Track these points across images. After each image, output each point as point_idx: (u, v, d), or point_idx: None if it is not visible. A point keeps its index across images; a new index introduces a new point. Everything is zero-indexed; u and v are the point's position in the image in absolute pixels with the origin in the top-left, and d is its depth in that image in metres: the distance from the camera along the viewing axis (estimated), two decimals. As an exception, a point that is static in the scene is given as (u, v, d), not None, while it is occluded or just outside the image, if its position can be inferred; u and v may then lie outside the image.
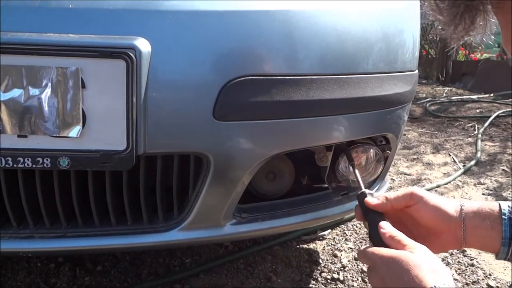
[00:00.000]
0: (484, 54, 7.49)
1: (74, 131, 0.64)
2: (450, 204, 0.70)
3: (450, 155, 2.52)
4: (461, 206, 0.70)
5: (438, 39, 6.99)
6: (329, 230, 1.47)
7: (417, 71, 1.01)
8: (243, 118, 0.72)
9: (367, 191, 0.72)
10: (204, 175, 0.74)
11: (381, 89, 0.86)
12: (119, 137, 0.65)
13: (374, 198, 0.72)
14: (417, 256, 0.59)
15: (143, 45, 0.65)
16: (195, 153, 0.73)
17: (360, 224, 1.55)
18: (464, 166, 2.28)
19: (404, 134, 3.00)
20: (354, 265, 1.27)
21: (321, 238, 1.43)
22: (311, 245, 1.38)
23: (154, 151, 0.69)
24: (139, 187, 0.75)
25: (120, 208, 0.77)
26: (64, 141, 0.64)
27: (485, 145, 2.71)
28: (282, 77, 0.74)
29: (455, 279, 1.22)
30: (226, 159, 0.74)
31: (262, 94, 0.72)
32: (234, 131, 0.72)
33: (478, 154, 2.44)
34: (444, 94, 4.98)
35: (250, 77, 0.71)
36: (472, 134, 3.01)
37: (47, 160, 0.64)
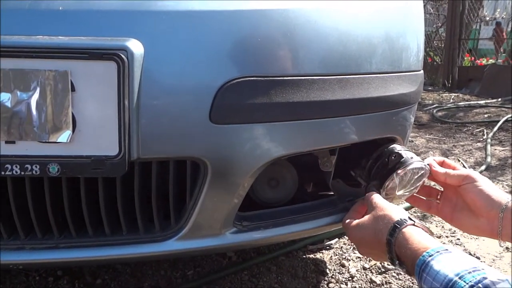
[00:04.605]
0: (490, 60, 7.42)
1: (64, 136, 0.61)
2: (500, 195, 0.76)
3: (459, 160, 2.46)
4: (508, 200, 0.74)
5: (443, 45, 6.94)
6: (336, 239, 1.42)
7: (422, 71, 0.98)
8: (241, 121, 0.69)
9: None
10: (202, 182, 0.71)
11: (385, 90, 0.83)
12: (111, 141, 0.62)
13: (439, 166, 0.85)
14: (367, 218, 0.75)
15: (135, 46, 0.62)
16: (191, 158, 0.70)
17: (368, 232, 1.50)
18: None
19: (411, 141, 2.95)
20: (363, 275, 1.22)
21: (328, 247, 1.38)
22: (318, 255, 1.34)
23: (148, 157, 0.66)
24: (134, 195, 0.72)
25: (114, 217, 0.74)
26: (53, 147, 0.61)
27: (495, 149, 2.65)
28: (281, 78, 0.71)
29: None
30: (224, 164, 0.70)
31: (260, 95, 0.69)
32: (231, 135, 0.69)
33: (488, 159, 2.39)
34: (451, 100, 4.92)
35: (248, 78, 0.68)
36: (481, 139, 2.95)
37: (36, 167, 0.61)
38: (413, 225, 0.68)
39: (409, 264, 0.64)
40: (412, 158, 0.83)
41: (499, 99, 4.59)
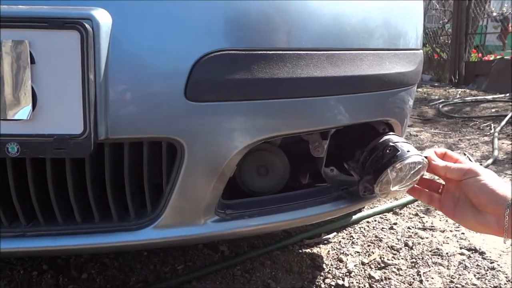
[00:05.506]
0: (498, 56, 7.28)
1: (23, 113, 0.56)
2: (505, 189, 0.69)
3: (465, 154, 2.38)
4: None
5: (449, 42, 6.82)
6: (334, 233, 1.36)
7: (421, 50, 0.92)
8: (219, 98, 0.63)
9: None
10: (179, 165, 0.66)
11: (380, 68, 0.77)
12: (75, 119, 0.57)
13: (439, 159, 0.78)
14: None
15: (102, 16, 0.57)
16: (166, 139, 0.64)
17: (368, 226, 1.44)
18: (480, 165, 2.14)
19: (416, 135, 2.87)
20: (361, 270, 1.16)
21: (325, 241, 1.32)
22: (315, 249, 1.28)
23: (118, 137, 0.61)
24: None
25: (86, 204, 0.68)
26: (12, 125, 0.56)
27: (502, 143, 2.57)
28: (264, 52, 0.65)
29: (473, 284, 1.10)
30: (202, 145, 0.65)
31: (241, 71, 0.64)
32: (209, 114, 0.63)
33: (496, 153, 2.31)
34: (458, 95, 4.82)
35: (227, 52, 0.63)
36: (488, 133, 2.87)
37: (-7, 146, 0.56)
38: None
39: None
40: (409, 151, 0.76)
41: (507, 94, 4.48)
